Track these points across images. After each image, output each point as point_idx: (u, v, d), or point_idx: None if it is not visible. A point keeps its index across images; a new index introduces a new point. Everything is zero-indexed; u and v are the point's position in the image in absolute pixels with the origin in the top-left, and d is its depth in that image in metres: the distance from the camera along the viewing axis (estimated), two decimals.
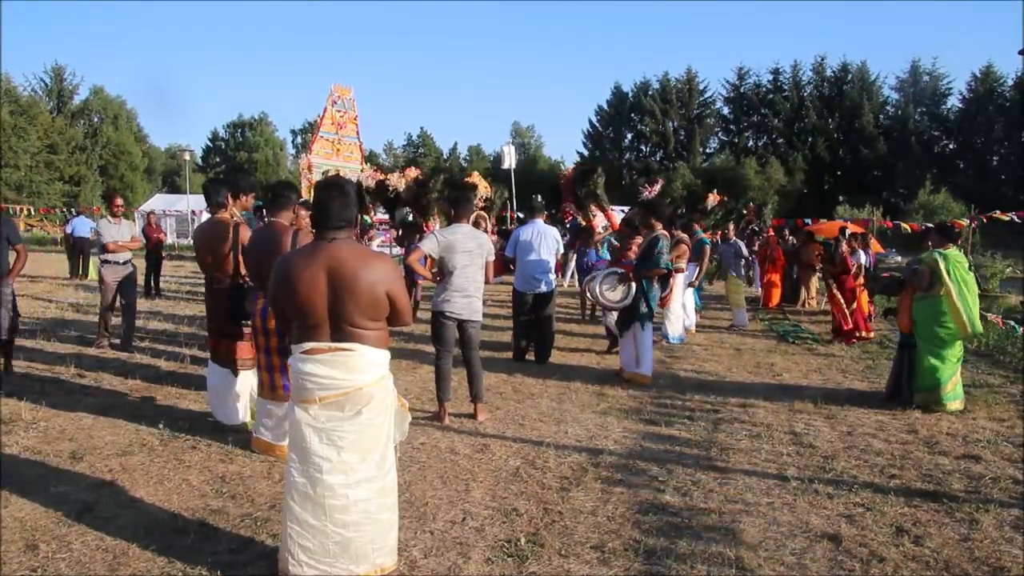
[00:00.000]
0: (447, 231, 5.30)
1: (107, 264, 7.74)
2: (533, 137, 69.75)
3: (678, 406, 5.92)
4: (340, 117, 22.18)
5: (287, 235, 4.36)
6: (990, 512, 3.79)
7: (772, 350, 8.82)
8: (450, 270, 5.20)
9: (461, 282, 5.22)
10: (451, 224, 5.41)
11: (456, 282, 5.21)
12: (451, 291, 5.23)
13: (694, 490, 4.05)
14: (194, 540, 3.30)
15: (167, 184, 61.33)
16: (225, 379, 5.04)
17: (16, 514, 3.53)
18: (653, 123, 54.60)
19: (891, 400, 6.08)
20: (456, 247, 5.18)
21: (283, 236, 4.35)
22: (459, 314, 5.27)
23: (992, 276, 17.35)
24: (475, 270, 5.30)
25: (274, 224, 4.51)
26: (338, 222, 2.83)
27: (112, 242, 7.72)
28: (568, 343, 8.75)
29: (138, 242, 8.36)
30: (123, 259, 7.78)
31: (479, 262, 5.33)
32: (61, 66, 49.40)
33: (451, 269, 5.20)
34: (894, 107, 52.37)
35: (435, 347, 5.40)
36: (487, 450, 4.67)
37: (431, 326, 5.41)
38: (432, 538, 3.40)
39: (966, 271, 5.87)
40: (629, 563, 3.19)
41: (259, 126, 64.04)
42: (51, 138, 42.98)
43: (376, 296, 2.79)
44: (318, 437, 2.80)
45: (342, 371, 2.79)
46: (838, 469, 4.44)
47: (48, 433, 4.81)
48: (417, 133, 68.37)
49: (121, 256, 7.76)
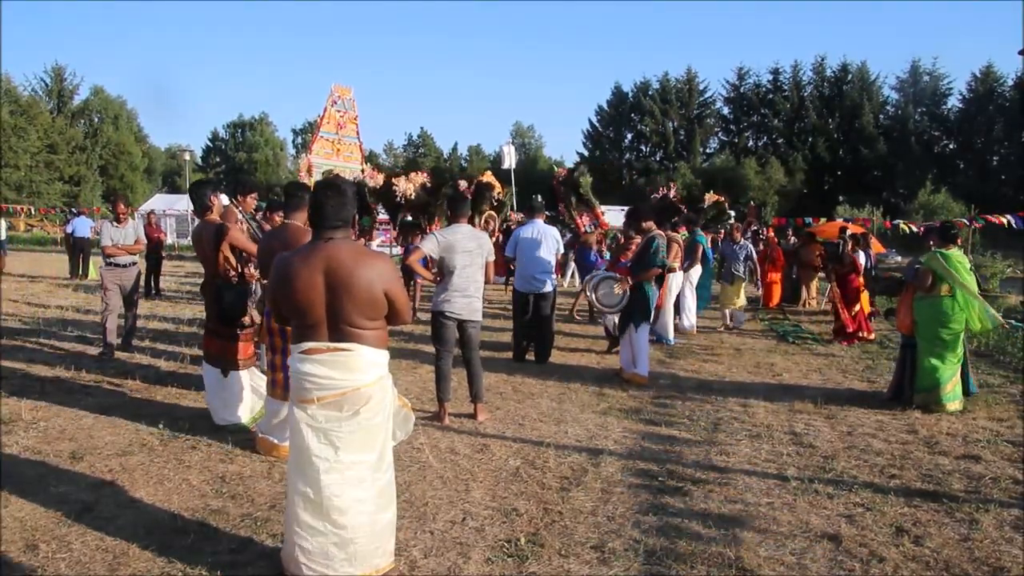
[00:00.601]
0: (447, 231, 5.31)
1: (109, 267, 7.50)
2: (533, 137, 69.76)
3: (678, 406, 5.92)
4: (340, 117, 22.17)
5: (303, 235, 4.35)
6: (990, 512, 3.79)
7: (772, 350, 8.82)
8: (450, 270, 5.21)
9: (461, 282, 5.23)
10: (450, 224, 5.42)
11: (456, 282, 5.22)
12: (451, 291, 5.23)
13: (694, 490, 4.05)
14: (194, 540, 3.29)
15: (167, 184, 61.34)
16: (217, 379, 5.04)
17: (16, 514, 3.53)
18: (653, 123, 54.60)
19: (893, 401, 6.08)
20: (456, 247, 5.19)
21: (299, 236, 4.32)
22: (459, 314, 5.28)
23: (992, 276, 17.37)
24: (475, 270, 5.31)
25: (288, 225, 4.53)
26: (335, 222, 2.83)
27: (111, 245, 7.46)
28: (568, 343, 8.75)
29: (141, 245, 7.92)
30: (125, 262, 7.54)
31: (479, 262, 5.33)
32: (61, 66, 49.51)
33: (451, 269, 5.20)
34: (894, 107, 52.39)
35: (435, 347, 5.41)
36: (487, 450, 4.67)
37: (431, 326, 5.41)
38: (432, 538, 3.39)
39: (967, 271, 5.87)
40: (629, 563, 3.19)
41: (259, 126, 64.04)
42: (51, 138, 43.00)
43: (374, 295, 2.78)
44: (316, 437, 2.80)
45: (340, 371, 2.79)
46: (838, 469, 4.44)
47: (48, 433, 4.81)
48: (417, 133, 68.48)
49: (124, 259, 7.52)
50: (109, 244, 7.49)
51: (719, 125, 57.69)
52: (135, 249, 7.72)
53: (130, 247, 7.62)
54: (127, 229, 7.64)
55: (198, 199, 5.24)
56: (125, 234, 7.60)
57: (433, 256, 5.24)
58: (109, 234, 7.53)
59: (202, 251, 5.15)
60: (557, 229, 8.37)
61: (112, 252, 7.46)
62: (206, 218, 5.18)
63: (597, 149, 57.41)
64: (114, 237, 7.52)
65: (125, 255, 7.53)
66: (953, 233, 6.20)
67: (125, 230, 7.61)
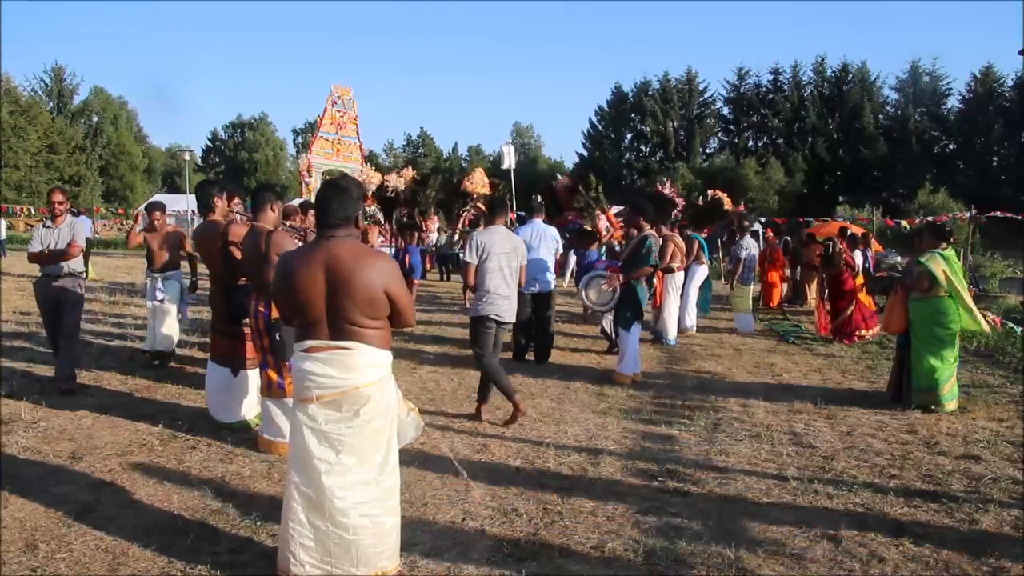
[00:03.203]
0: (484, 234, 5.32)
1: (41, 278, 5.70)
2: (533, 137, 69.77)
3: (678, 406, 5.92)
4: (340, 117, 22.20)
5: (261, 237, 4.44)
6: (990, 512, 3.79)
7: (772, 350, 8.82)
8: (489, 273, 5.18)
9: (499, 284, 5.21)
10: (487, 227, 5.44)
11: (495, 284, 5.19)
12: (492, 294, 5.20)
13: (694, 490, 4.05)
14: (194, 540, 3.29)
15: (167, 184, 61.29)
16: (222, 377, 5.05)
17: (16, 514, 3.53)
18: (653, 123, 54.53)
19: (894, 401, 6.07)
20: (494, 249, 5.19)
21: (259, 238, 4.44)
22: (501, 317, 5.23)
23: (992, 276, 17.36)
24: (511, 272, 5.30)
25: (255, 227, 4.60)
26: (336, 220, 2.83)
27: (43, 251, 5.57)
28: (568, 343, 8.75)
29: (78, 249, 5.66)
30: (56, 272, 5.66)
31: (515, 264, 5.33)
32: (61, 66, 49.46)
33: (490, 271, 5.18)
34: (894, 107, 52.32)
35: (476, 351, 5.28)
36: (487, 450, 4.67)
37: (472, 330, 5.34)
38: (432, 538, 3.39)
39: (960, 270, 5.84)
40: (629, 563, 3.19)
41: (260, 126, 64.03)
42: (51, 138, 42.94)
43: (373, 295, 2.77)
44: (317, 439, 2.80)
45: (339, 370, 2.78)
46: (838, 469, 4.44)
47: (48, 433, 4.81)
48: (417, 133, 68.43)
49: (53, 268, 5.64)
50: (38, 249, 5.60)
51: (719, 125, 57.61)
52: (69, 255, 5.66)
53: (59, 252, 5.62)
54: (62, 229, 5.69)
55: (202, 199, 5.28)
56: (59, 235, 5.65)
57: (473, 261, 5.21)
58: (39, 236, 5.66)
59: (207, 250, 5.16)
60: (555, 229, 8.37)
61: (41, 259, 5.61)
62: (208, 218, 5.23)
63: (597, 149, 57.33)
64: (44, 239, 5.64)
65: (58, 262, 5.65)
66: (947, 231, 6.13)
67: (59, 230, 5.67)
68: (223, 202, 5.48)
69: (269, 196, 4.64)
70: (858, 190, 43.20)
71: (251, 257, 4.51)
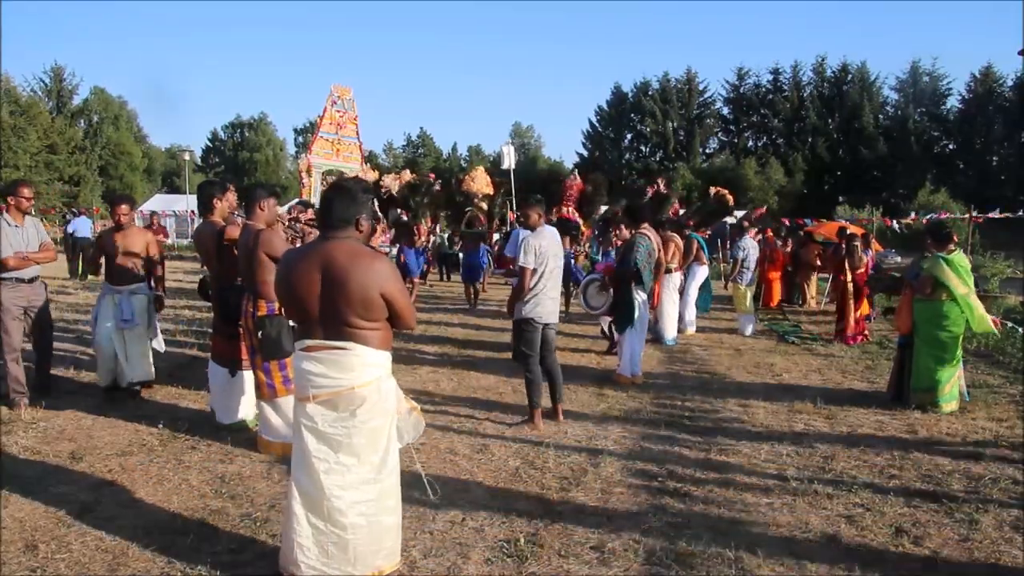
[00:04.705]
0: (538, 236, 5.09)
1: (7, 283, 5.24)
2: (533, 137, 69.75)
3: (678, 406, 5.92)
4: (340, 117, 22.19)
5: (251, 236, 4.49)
6: (990, 512, 3.79)
7: (772, 350, 8.82)
8: (543, 274, 5.03)
9: (550, 286, 5.10)
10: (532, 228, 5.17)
11: (547, 286, 5.07)
12: (542, 295, 5.05)
13: (694, 490, 4.05)
14: (194, 540, 3.30)
15: (167, 184, 61.29)
16: (223, 377, 5.06)
17: (16, 514, 3.53)
18: (653, 123, 54.56)
19: (894, 401, 6.07)
20: (549, 250, 5.06)
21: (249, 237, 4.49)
22: (548, 319, 5.14)
23: (992, 276, 17.34)
24: (560, 273, 5.24)
25: (246, 225, 4.63)
26: (337, 221, 2.83)
27: (15, 255, 5.21)
28: (568, 343, 8.75)
29: (51, 252, 5.50)
30: (29, 276, 5.35)
31: (561, 264, 5.27)
32: (61, 66, 49.34)
33: (544, 273, 5.03)
34: (894, 107, 52.35)
35: (525, 354, 5.15)
36: (487, 450, 4.67)
37: (519, 333, 5.19)
38: (432, 538, 3.39)
39: (967, 273, 5.82)
40: (629, 563, 3.19)
41: (260, 126, 64.00)
42: (51, 138, 42.89)
43: (368, 296, 2.75)
44: (315, 438, 2.81)
45: (335, 369, 2.79)
46: (838, 469, 4.44)
47: (48, 433, 4.81)
48: (417, 133, 68.43)
49: (26, 273, 5.32)
50: (9, 254, 5.19)
51: (719, 125, 57.63)
52: (42, 257, 5.42)
53: (36, 255, 5.37)
54: (28, 229, 5.39)
55: (202, 199, 5.28)
56: (27, 236, 5.35)
57: (534, 268, 4.99)
58: (7, 239, 5.20)
59: (204, 250, 5.20)
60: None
61: (14, 264, 5.20)
62: (207, 218, 5.25)
63: (597, 149, 57.37)
64: (14, 242, 5.24)
65: (32, 266, 5.35)
66: (946, 233, 6.04)
67: (26, 231, 5.37)
68: (223, 202, 5.47)
69: (259, 194, 4.66)
70: (858, 190, 43.20)
71: (242, 256, 4.54)
